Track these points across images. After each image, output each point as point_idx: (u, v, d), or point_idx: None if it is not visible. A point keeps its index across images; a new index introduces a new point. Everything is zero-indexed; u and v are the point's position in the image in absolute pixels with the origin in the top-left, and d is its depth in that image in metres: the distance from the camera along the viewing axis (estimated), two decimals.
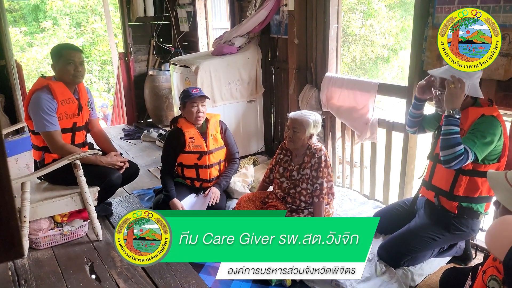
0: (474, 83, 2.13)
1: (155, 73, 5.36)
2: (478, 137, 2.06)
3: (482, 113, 2.11)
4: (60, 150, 2.67)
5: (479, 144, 2.05)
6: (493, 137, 2.05)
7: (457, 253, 2.42)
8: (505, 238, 0.97)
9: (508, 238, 0.95)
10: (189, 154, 3.01)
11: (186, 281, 2.32)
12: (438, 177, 2.28)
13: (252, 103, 4.09)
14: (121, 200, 3.35)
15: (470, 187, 2.16)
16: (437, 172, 2.30)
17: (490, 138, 2.05)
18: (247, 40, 3.96)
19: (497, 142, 2.08)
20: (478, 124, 2.09)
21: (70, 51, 2.70)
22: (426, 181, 2.38)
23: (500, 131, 2.08)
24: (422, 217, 2.36)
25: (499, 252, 0.97)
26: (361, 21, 10.53)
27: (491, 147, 2.07)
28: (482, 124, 2.08)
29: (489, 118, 2.09)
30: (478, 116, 2.11)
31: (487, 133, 2.05)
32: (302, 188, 2.71)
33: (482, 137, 2.05)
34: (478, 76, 2.15)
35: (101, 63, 13.07)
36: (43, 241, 2.67)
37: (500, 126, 2.09)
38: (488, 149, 2.07)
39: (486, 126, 2.07)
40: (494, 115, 2.11)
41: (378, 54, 10.99)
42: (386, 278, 2.21)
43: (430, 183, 2.34)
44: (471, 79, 2.12)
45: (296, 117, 2.68)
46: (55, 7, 12.60)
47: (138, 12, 5.29)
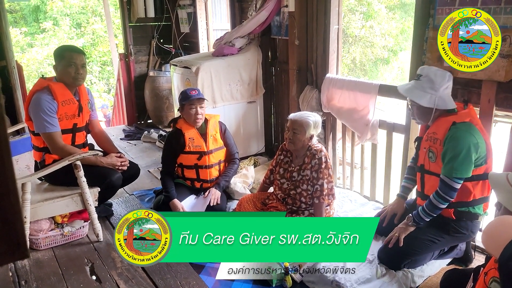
0: (441, 96, 2.13)
1: (156, 74, 5.36)
2: (452, 160, 2.06)
3: (453, 120, 2.10)
4: (61, 151, 2.67)
5: (457, 167, 2.05)
6: (468, 148, 2.03)
7: (458, 255, 2.42)
8: (501, 236, 0.98)
9: (504, 237, 0.96)
10: (189, 155, 3.01)
11: (187, 282, 2.32)
12: (429, 187, 2.29)
13: (252, 104, 4.09)
14: (122, 201, 3.35)
15: (462, 193, 2.16)
16: (427, 182, 2.31)
17: (465, 151, 2.03)
18: (248, 41, 3.96)
19: (477, 149, 2.06)
20: (449, 140, 2.08)
21: (72, 53, 2.70)
22: (419, 192, 2.39)
23: (475, 136, 2.06)
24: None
25: (495, 250, 0.98)
26: (361, 22, 10.53)
27: (471, 158, 2.06)
28: (452, 142, 2.06)
29: (459, 127, 2.07)
30: (449, 125, 2.11)
31: (458, 150, 2.04)
32: (302, 189, 2.71)
33: (455, 157, 2.05)
34: (445, 87, 2.15)
35: (101, 64, 13.07)
36: (44, 242, 2.67)
37: (473, 131, 2.06)
38: (470, 162, 2.06)
39: (456, 142, 2.05)
40: (466, 121, 2.09)
41: (378, 55, 11.00)
42: (386, 279, 2.21)
43: (423, 193, 2.34)
44: (437, 93, 2.12)
45: (296, 118, 2.68)
46: (56, 7, 12.60)
47: (138, 13, 5.29)
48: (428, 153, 2.24)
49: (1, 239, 0.42)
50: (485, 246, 1.03)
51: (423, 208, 2.21)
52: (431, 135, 2.22)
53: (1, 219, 0.42)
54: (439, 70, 2.19)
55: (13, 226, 0.42)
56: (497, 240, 0.98)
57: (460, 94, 2.43)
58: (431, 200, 2.17)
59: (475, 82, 2.33)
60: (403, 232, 2.25)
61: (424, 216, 2.21)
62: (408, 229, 2.26)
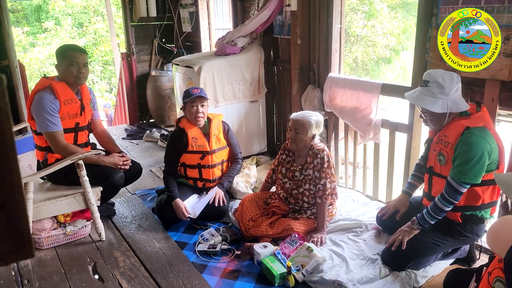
0: (453, 99, 2.09)
1: (158, 73, 5.36)
2: (463, 164, 2.02)
3: (467, 125, 2.05)
4: (63, 150, 2.68)
5: (466, 172, 2.01)
6: (481, 154, 1.99)
7: (461, 255, 2.40)
8: (506, 236, 0.97)
9: (508, 236, 0.95)
10: (192, 154, 3.01)
11: (189, 282, 2.32)
12: (437, 189, 2.23)
13: (254, 104, 4.09)
14: (124, 200, 3.35)
15: (470, 197, 2.12)
16: (435, 185, 2.26)
17: (478, 157, 1.99)
18: (250, 40, 3.96)
19: (490, 155, 2.02)
20: (462, 145, 2.03)
21: (74, 52, 2.70)
22: (426, 193, 2.36)
23: (490, 142, 2.01)
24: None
25: (500, 250, 0.97)
26: (363, 21, 10.53)
27: (484, 165, 2.02)
28: (464, 147, 2.01)
29: (473, 133, 2.02)
30: (462, 129, 2.05)
31: (471, 156, 1.99)
32: (304, 188, 2.70)
33: (466, 162, 2.00)
34: (456, 90, 2.10)
35: (103, 63, 13.10)
36: (46, 241, 2.67)
37: (487, 136, 2.01)
38: (481, 169, 2.02)
39: (470, 147, 2.00)
40: (480, 126, 2.03)
41: (380, 54, 10.99)
42: (389, 279, 2.20)
43: (430, 194, 2.31)
44: (449, 96, 2.08)
45: (298, 118, 2.67)
46: (57, 7, 12.63)
47: (140, 12, 5.29)
48: (438, 156, 2.18)
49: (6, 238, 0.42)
50: (489, 246, 1.03)
51: (428, 210, 2.18)
52: (442, 137, 2.16)
53: (6, 218, 0.42)
54: (445, 73, 2.12)
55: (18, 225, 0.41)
56: (502, 239, 0.98)
57: (464, 93, 2.41)
58: (435, 202, 2.15)
59: (478, 81, 2.32)
60: (407, 236, 2.23)
61: (429, 218, 2.18)
62: (412, 232, 2.24)
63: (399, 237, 2.25)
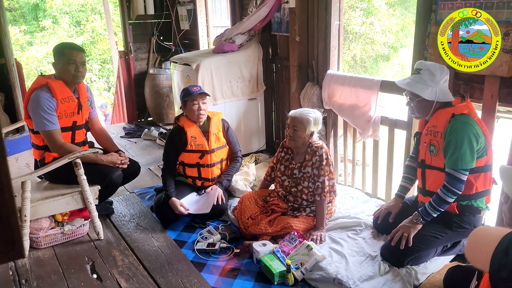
0: (441, 89, 2.17)
1: (156, 72, 5.34)
2: (455, 152, 2.07)
3: (452, 112, 2.13)
4: (60, 149, 2.66)
5: (461, 158, 2.07)
6: (469, 138, 2.06)
7: (461, 251, 2.41)
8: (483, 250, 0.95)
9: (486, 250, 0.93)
10: (191, 153, 2.99)
11: (188, 280, 2.31)
12: (431, 182, 2.28)
13: (253, 101, 4.08)
14: (122, 199, 3.33)
15: (464, 186, 2.15)
16: (428, 178, 2.30)
17: (466, 141, 2.06)
18: (248, 37, 3.94)
19: (477, 138, 2.08)
20: (449, 133, 2.10)
21: (72, 50, 2.68)
22: (420, 188, 2.38)
23: (474, 126, 2.08)
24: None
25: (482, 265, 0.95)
26: (361, 18, 10.50)
27: (474, 148, 2.07)
28: (453, 133, 2.09)
29: (458, 119, 2.10)
30: (448, 117, 2.14)
31: (460, 141, 2.06)
32: (303, 186, 2.69)
33: (457, 149, 2.07)
34: (444, 80, 2.18)
35: (101, 61, 13.05)
36: (44, 240, 2.66)
37: (472, 121, 2.09)
38: (472, 152, 2.08)
39: (457, 132, 2.08)
40: (465, 113, 2.12)
41: (378, 52, 10.97)
42: (389, 277, 2.20)
43: (424, 189, 2.33)
44: (438, 85, 2.16)
45: (296, 115, 2.66)
46: (55, 5, 12.58)
47: (138, 10, 5.26)
48: (429, 147, 2.24)
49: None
50: (472, 263, 1.01)
51: (431, 203, 2.19)
52: (431, 128, 2.22)
53: None
54: (436, 64, 2.22)
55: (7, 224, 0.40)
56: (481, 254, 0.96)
57: (463, 90, 2.41)
58: (439, 194, 2.15)
59: (478, 78, 2.31)
60: (411, 232, 2.23)
61: (432, 211, 2.18)
62: (416, 227, 2.23)
63: (403, 233, 2.24)
